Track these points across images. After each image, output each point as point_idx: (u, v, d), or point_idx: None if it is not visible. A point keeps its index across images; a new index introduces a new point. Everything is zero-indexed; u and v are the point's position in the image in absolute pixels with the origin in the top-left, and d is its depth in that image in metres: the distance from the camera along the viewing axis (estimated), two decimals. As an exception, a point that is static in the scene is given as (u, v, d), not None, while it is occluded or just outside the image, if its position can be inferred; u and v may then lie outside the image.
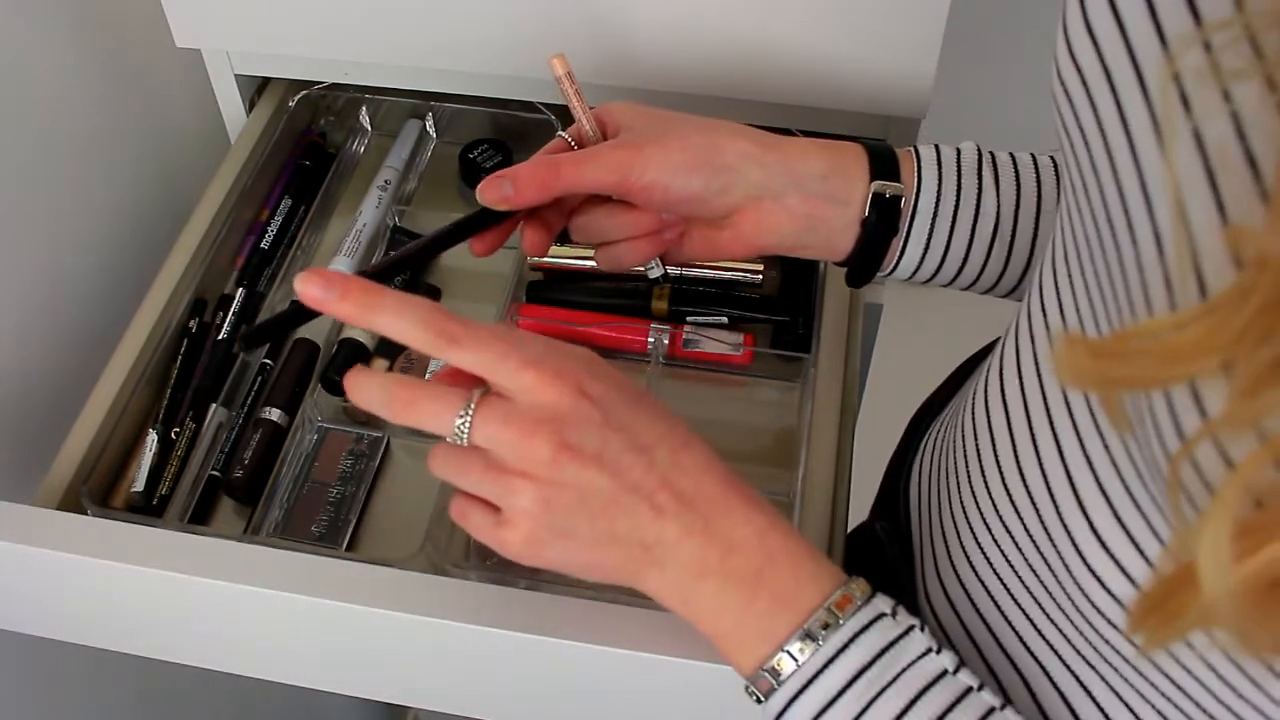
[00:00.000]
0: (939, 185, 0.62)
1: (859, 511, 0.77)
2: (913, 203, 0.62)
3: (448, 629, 0.60)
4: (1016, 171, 0.63)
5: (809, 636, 0.49)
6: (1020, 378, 0.51)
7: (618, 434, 0.51)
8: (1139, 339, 0.34)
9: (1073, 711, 0.52)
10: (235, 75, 0.92)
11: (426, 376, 0.81)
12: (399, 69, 0.90)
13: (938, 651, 0.50)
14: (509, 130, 0.95)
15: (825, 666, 0.49)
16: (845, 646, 0.49)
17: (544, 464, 0.49)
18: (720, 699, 0.61)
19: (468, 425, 0.50)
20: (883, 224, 0.62)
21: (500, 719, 0.74)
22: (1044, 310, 0.49)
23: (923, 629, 0.50)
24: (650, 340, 0.82)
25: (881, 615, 0.50)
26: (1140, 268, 0.38)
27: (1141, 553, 0.43)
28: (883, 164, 0.62)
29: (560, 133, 0.64)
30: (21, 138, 0.81)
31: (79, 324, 0.89)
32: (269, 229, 0.89)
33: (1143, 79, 0.38)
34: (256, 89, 0.95)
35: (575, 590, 0.64)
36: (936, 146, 0.63)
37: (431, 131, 0.98)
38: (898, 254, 0.63)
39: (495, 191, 0.59)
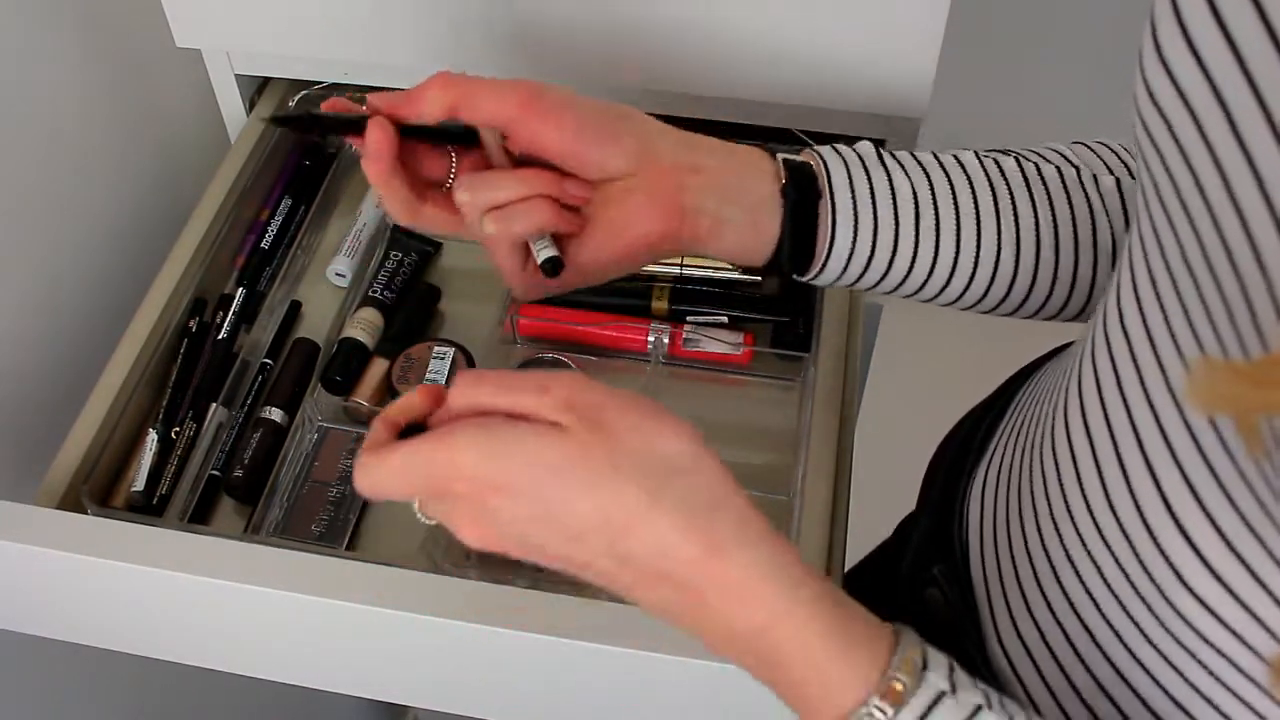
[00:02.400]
0: (846, 167, 0.59)
1: (859, 514, 0.77)
2: (826, 178, 0.58)
3: (448, 629, 0.60)
4: (919, 162, 0.61)
5: None
6: (1104, 407, 0.49)
7: (540, 525, 0.45)
8: None
9: None
10: (235, 75, 0.92)
11: (427, 375, 0.81)
12: (399, 69, 0.90)
13: None
14: (509, 130, 0.95)
15: None
16: None
17: (494, 549, 0.47)
18: (720, 698, 0.61)
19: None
20: (803, 197, 0.57)
21: (500, 719, 0.74)
22: (1128, 339, 0.47)
23: (990, 705, 0.45)
24: (650, 340, 0.82)
25: (941, 695, 0.44)
26: (1271, 289, 0.36)
27: (1259, 580, 0.42)
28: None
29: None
30: (22, 137, 0.81)
31: (79, 324, 0.89)
32: (269, 229, 0.89)
33: (1260, 95, 0.37)
34: (256, 89, 0.95)
35: (574, 590, 0.64)
36: (828, 147, 0.61)
37: (431, 131, 0.97)
38: (829, 235, 0.58)
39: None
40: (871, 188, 0.58)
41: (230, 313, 0.84)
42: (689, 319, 0.83)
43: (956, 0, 0.75)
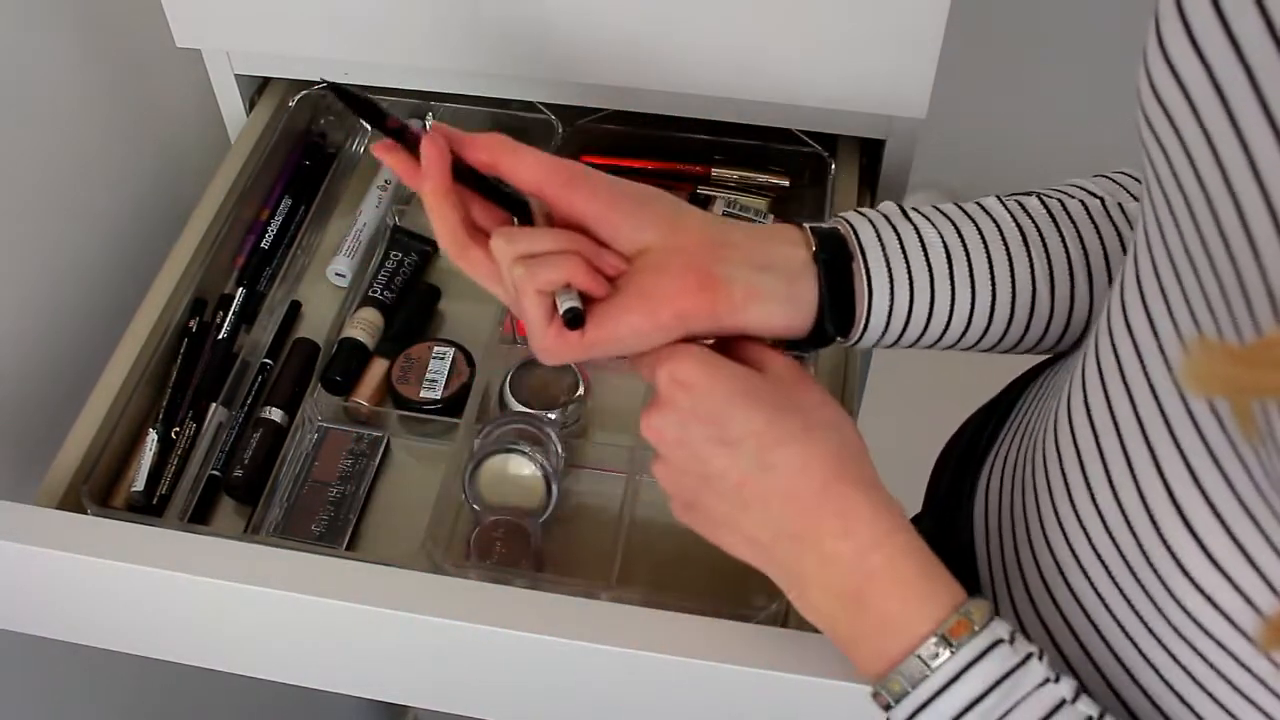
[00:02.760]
0: (873, 226, 0.60)
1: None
2: (855, 239, 0.59)
3: (448, 629, 0.60)
4: (944, 212, 0.61)
5: (922, 662, 0.49)
6: (1108, 400, 0.50)
7: (703, 424, 0.52)
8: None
9: None
10: (235, 75, 0.92)
11: (427, 375, 0.81)
12: (399, 69, 0.90)
13: (1056, 680, 0.49)
14: (509, 130, 0.93)
15: (938, 693, 0.49)
16: (960, 674, 0.49)
17: (651, 440, 0.55)
18: (720, 698, 0.61)
19: None
20: (836, 261, 0.58)
21: (500, 719, 0.74)
22: (1130, 330, 0.48)
23: (1041, 657, 0.49)
24: (650, 340, 0.82)
25: (999, 642, 0.49)
26: (1265, 277, 0.37)
27: (1257, 568, 0.43)
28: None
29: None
30: (22, 138, 0.81)
31: (79, 324, 0.89)
32: (269, 229, 0.89)
33: (1261, 92, 0.37)
34: (256, 89, 0.95)
35: (574, 589, 0.64)
36: (852, 211, 0.62)
37: (431, 131, 0.98)
38: (866, 292, 0.58)
39: (433, 146, 0.56)
40: (901, 242, 0.59)
41: (230, 313, 0.84)
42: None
43: (956, 0, 0.75)
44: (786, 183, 0.91)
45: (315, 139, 0.97)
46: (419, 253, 0.89)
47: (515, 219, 0.58)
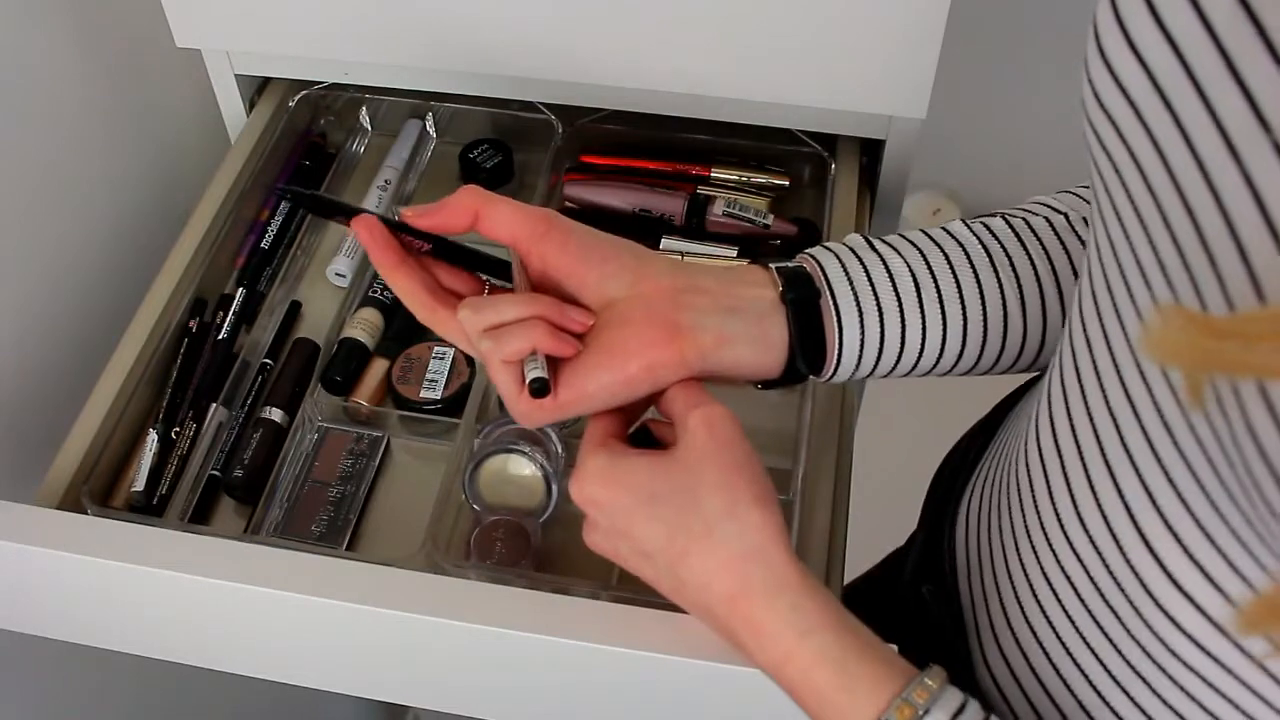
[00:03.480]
0: (839, 260, 0.59)
1: (860, 514, 0.77)
2: (822, 275, 0.58)
3: (448, 629, 0.60)
4: (910, 239, 0.61)
5: None
6: (1071, 420, 0.49)
7: (622, 539, 0.55)
8: (1262, 323, 0.33)
9: None
10: (235, 75, 0.92)
11: (427, 375, 0.81)
12: (399, 69, 0.90)
13: None
14: (509, 130, 0.95)
15: None
16: None
17: (600, 554, 0.57)
18: (720, 698, 0.61)
19: None
20: (804, 299, 0.58)
21: (500, 719, 0.74)
22: (1089, 345, 0.48)
23: None
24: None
25: None
26: (1221, 282, 0.36)
27: (1218, 588, 0.43)
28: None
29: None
30: (22, 138, 0.81)
31: (79, 324, 0.89)
32: (269, 229, 0.89)
33: (1201, 89, 0.37)
34: (256, 89, 0.95)
35: (574, 589, 0.64)
36: (818, 247, 0.62)
37: (431, 131, 0.98)
38: (836, 328, 0.58)
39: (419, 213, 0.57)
40: (868, 274, 0.59)
41: (230, 313, 0.84)
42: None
43: (956, 0, 0.75)
44: (786, 183, 0.91)
45: (315, 139, 0.97)
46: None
47: (489, 280, 0.60)
